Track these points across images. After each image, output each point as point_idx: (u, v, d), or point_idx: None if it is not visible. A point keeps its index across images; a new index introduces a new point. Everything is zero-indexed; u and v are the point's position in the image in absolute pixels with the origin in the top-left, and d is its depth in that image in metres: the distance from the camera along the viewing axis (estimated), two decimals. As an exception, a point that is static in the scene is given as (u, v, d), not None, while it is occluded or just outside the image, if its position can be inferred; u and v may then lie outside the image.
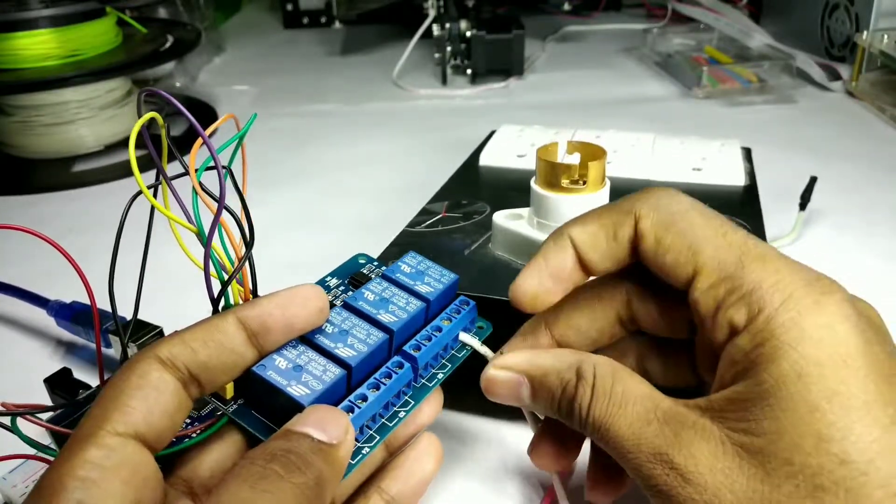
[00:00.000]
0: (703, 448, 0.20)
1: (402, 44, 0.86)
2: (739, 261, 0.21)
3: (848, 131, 0.66)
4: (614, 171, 0.43)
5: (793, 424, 0.19)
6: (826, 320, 0.19)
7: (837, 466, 0.18)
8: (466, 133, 0.56)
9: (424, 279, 0.27)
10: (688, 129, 0.67)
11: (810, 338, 0.19)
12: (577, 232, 0.24)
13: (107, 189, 0.60)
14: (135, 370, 0.20)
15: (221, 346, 0.21)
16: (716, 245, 0.22)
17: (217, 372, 0.21)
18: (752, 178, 0.43)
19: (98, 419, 0.19)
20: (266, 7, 1.26)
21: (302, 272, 0.35)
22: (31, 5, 0.62)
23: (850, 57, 0.78)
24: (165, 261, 0.31)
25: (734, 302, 0.21)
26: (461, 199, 0.41)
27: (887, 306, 0.40)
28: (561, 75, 0.84)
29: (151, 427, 0.19)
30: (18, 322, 0.42)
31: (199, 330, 0.21)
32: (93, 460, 0.18)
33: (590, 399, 0.22)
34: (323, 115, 0.75)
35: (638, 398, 0.22)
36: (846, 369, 0.19)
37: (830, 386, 0.19)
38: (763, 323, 0.20)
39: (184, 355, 0.20)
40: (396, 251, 0.35)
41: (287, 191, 0.57)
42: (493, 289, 0.31)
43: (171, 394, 0.20)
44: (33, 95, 0.63)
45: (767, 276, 0.20)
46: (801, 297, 0.20)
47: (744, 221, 0.36)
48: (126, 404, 0.19)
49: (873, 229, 0.49)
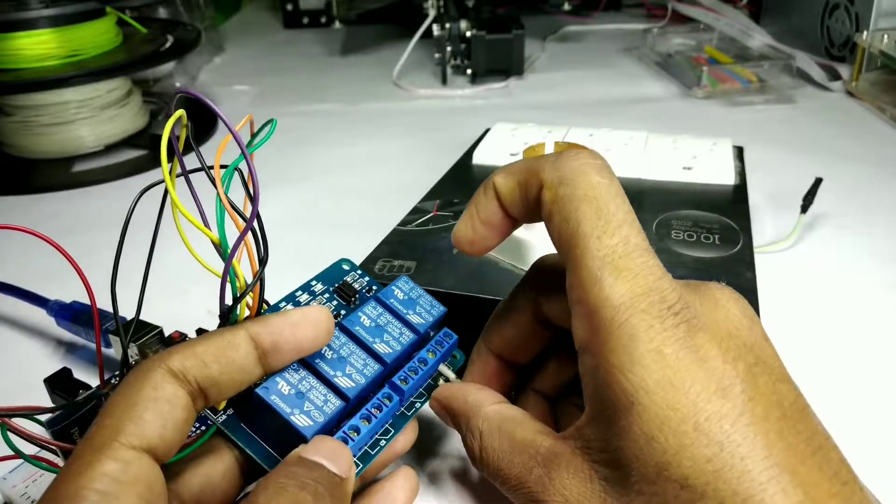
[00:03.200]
0: (574, 487, 0.21)
1: (402, 44, 0.86)
2: (597, 273, 0.21)
3: (848, 131, 0.66)
4: None
5: (636, 456, 0.19)
6: (655, 346, 0.19)
7: (680, 491, 0.18)
8: (466, 133, 0.56)
9: (416, 308, 0.28)
10: (687, 129, 0.66)
11: (638, 363, 0.19)
12: (500, 183, 0.25)
13: (107, 189, 0.60)
14: (149, 381, 0.20)
15: (232, 363, 0.21)
16: (585, 247, 0.21)
17: (225, 388, 0.21)
18: (742, 177, 0.43)
19: (112, 430, 0.18)
20: (266, 7, 1.26)
21: (302, 272, 0.35)
22: (31, 5, 0.62)
23: (850, 57, 0.78)
24: (165, 261, 0.31)
25: (580, 314, 0.21)
26: (453, 198, 0.41)
27: (887, 306, 0.40)
28: (561, 75, 0.84)
29: (164, 441, 0.19)
30: (18, 322, 0.42)
31: (211, 344, 0.21)
32: (109, 474, 0.18)
33: (479, 452, 0.24)
34: (323, 114, 0.75)
35: (521, 448, 0.23)
36: (675, 392, 0.19)
37: (660, 413, 0.19)
38: (599, 345, 0.20)
39: (195, 369, 0.20)
40: (387, 249, 0.35)
41: (287, 190, 0.57)
42: (478, 289, 0.31)
43: (183, 408, 0.20)
44: (33, 95, 0.63)
45: (614, 294, 0.20)
46: (636, 323, 0.20)
47: (735, 224, 0.36)
48: (141, 417, 0.19)
49: (873, 230, 0.49)
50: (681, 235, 0.35)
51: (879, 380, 0.35)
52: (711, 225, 0.36)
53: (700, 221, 0.37)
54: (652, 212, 0.38)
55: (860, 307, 0.40)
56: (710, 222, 0.37)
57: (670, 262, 0.33)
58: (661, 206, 0.39)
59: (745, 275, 0.32)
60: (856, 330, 0.38)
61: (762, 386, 0.19)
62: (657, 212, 0.38)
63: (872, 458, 0.30)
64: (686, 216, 0.37)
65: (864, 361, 0.36)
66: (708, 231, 0.36)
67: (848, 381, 0.35)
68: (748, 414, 0.19)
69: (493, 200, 0.25)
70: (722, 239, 0.35)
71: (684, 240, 0.35)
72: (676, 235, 0.35)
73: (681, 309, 0.20)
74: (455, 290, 0.31)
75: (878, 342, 0.37)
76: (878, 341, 0.38)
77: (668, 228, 0.36)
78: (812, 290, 0.42)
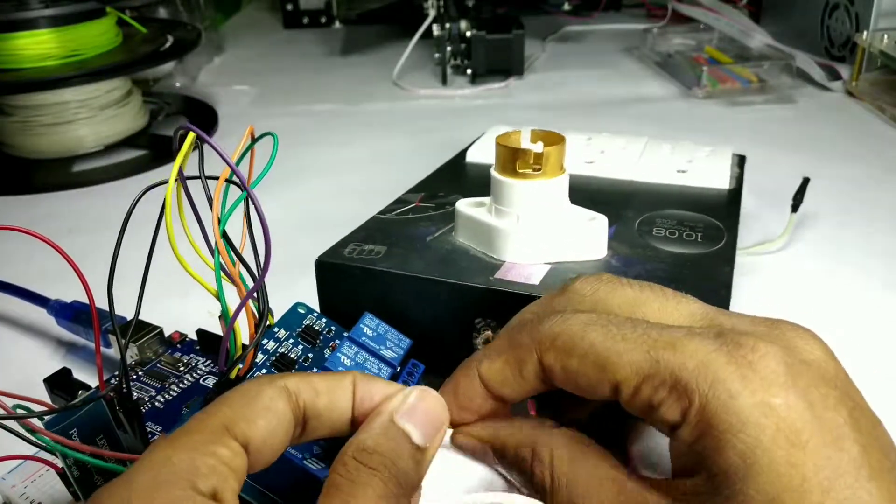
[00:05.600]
0: None
1: (402, 44, 0.86)
2: (649, 356, 0.20)
3: (848, 131, 0.66)
4: (598, 172, 0.43)
5: None
6: (760, 397, 0.18)
7: None
8: (466, 133, 0.56)
9: (387, 343, 0.29)
10: (687, 129, 0.67)
11: (747, 421, 0.18)
12: (485, 368, 0.23)
13: (107, 189, 0.60)
14: (267, 391, 0.20)
15: (336, 402, 0.21)
16: (619, 351, 0.20)
17: (322, 426, 0.21)
18: (738, 182, 0.42)
19: (229, 419, 0.19)
20: (266, 7, 1.26)
21: (301, 272, 0.35)
22: (31, 5, 0.62)
23: (850, 57, 0.78)
24: (165, 261, 0.31)
25: (662, 400, 0.19)
26: (439, 191, 0.40)
27: (886, 306, 0.40)
28: (561, 75, 0.84)
29: (260, 452, 0.19)
30: (18, 322, 0.42)
31: (324, 378, 0.21)
32: (222, 456, 0.18)
33: (550, 483, 0.21)
34: (323, 115, 0.75)
35: (601, 483, 0.21)
36: (793, 448, 0.18)
37: (781, 472, 0.17)
38: (696, 415, 0.19)
39: (307, 394, 0.21)
40: (361, 235, 0.35)
41: (286, 190, 0.57)
42: (444, 273, 0.31)
43: (286, 432, 0.20)
44: (33, 95, 0.63)
45: (685, 363, 0.19)
46: (727, 376, 0.18)
47: (721, 223, 0.36)
48: (254, 420, 0.19)
49: (873, 229, 0.49)
50: (662, 233, 0.35)
51: (878, 379, 0.35)
52: (696, 224, 0.36)
53: (685, 220, 0.36)
54: (637, 210, 0.37)
55: (860, 307, 0.40)
56: (695, 221, 0.36)
57: (647, 255, 0.32)
58: (648, 205, 0.38)
59: (722, 269, 0.31)
60: (855, 330, 0.38)
61: (866, 432, 0.19)
62: (643, 211, 0.37)
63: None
64: (671, 215, 0.37)
65: (863, 361, 0.36)
66: (691, 229, 0.35)
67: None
68: (866, 467, 0.18)
69: (474, 385, 0.23)
70: (705, 237, 0.34)
71: (665, 237, 0.34)
72: (658, 233, 0.35)
73: (763, 354, 0.19)
74: (420, 273, 0.31)
75: (878, 342, 0.37)
76: (878, 342, 0.38)
77: (651, 226, 0.35)
78: (811, 290, 0.42)
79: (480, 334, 0.31)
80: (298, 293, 0.31)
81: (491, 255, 0.32)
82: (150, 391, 0.30)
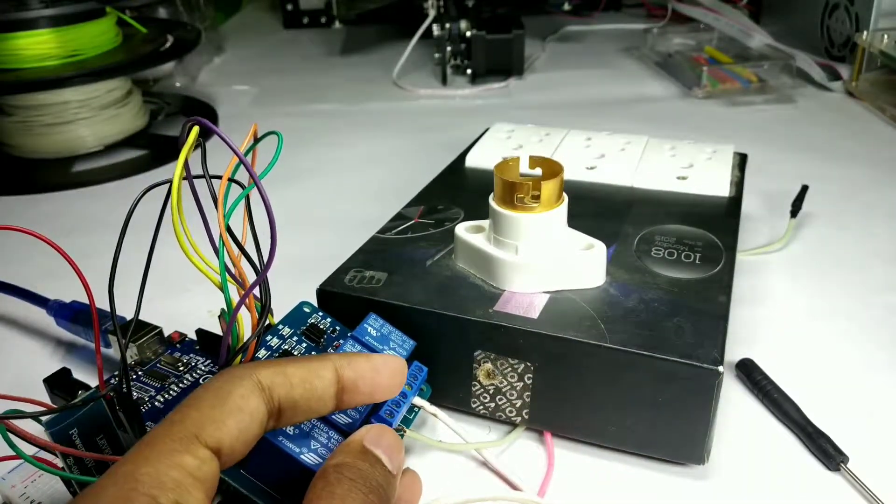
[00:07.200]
0: None
1: (402, 44, 0.86)
2: None
3: (848, 131, 0.66)
4: (598, 178, 0.43)
5: None
6: None
7: None
8: (466, 133, 0.56)
9: (390, 343, 0.29)
10: (687, 129, 0.67)
11: None
12: None
13: (107, 189, 0.60)
14: (238, 388, 0.20)
15: (314, 391, 0.21)
16: None
17: (300, 413, 0.21)
18: (738, 188, 0.41)
19: (196, 424, 0.19)
20: (266, 7, 1.26)
21: (301, 272, 0.35)
22: (31, 5, 0.62)
23: (850, 57, 0.78)
24: (165, 261, 0.31)
25: None
26: (438, 204, 0.40)
27: (885, 306, 0.40)
28: (561, 75, 0.84)
29: (232, 451, 0.19)
30: (18, 322, 0.42)
31: (300, 367, 0.22)
32: (187, 467, 0.18)
33: None
34: (323, 115, 0.75)
35: None
36: None
37: None
38: None
39: (282, 388, 0.21)
40: (361, 259, 0.35)
41: (286, 190, 0.57)
42: (444, 305, 0.31)
43: (259, 424, 0.20)
44: (33, 95, 0.63)
45: None
46: None
47: (720, 241, 0.36)
48: (224, 422, 0.19)
49: (873, 230, 0.49)
50: (661, 253, 0.34)
51: (874, 379, 0.35)
52: (695, 242, 0.35)
53: (684, 238, 0.36)
54: (637, 225, 0.37)
55: (860, 307, 0.40)
56: (695, 239, 0.36)
57: (645, 282, 0.32)
58: (647, 218, 0.38)
59: (717, 300, 0.31)
60: (854, 331, 0.38)
61: None
62: (642, 225, 0.37)
63: (872, 457, 0.30)
64: (670, 231, 0.36)
65: (862, 361, 0.36)
66: (690, 249, 0.35)
67: (844, 381, 0.35)
68: None
69: None
70: (703, 258, 0.34)
71: (664, 258, 0.34)
72: (657, 253, 0.34)
73: None
74: (420, 306, 0.31)
75: (877, 343, 0.37)
76: (877, 342, 0.38)
77: (650, 245, 0.35)
78: (811, 290, 0.42)
79: (481, 366, 0.31)
80: (299, 293, 0.31)
81: (490, 283, 0.32)
82: (150, 391, 0.30)
